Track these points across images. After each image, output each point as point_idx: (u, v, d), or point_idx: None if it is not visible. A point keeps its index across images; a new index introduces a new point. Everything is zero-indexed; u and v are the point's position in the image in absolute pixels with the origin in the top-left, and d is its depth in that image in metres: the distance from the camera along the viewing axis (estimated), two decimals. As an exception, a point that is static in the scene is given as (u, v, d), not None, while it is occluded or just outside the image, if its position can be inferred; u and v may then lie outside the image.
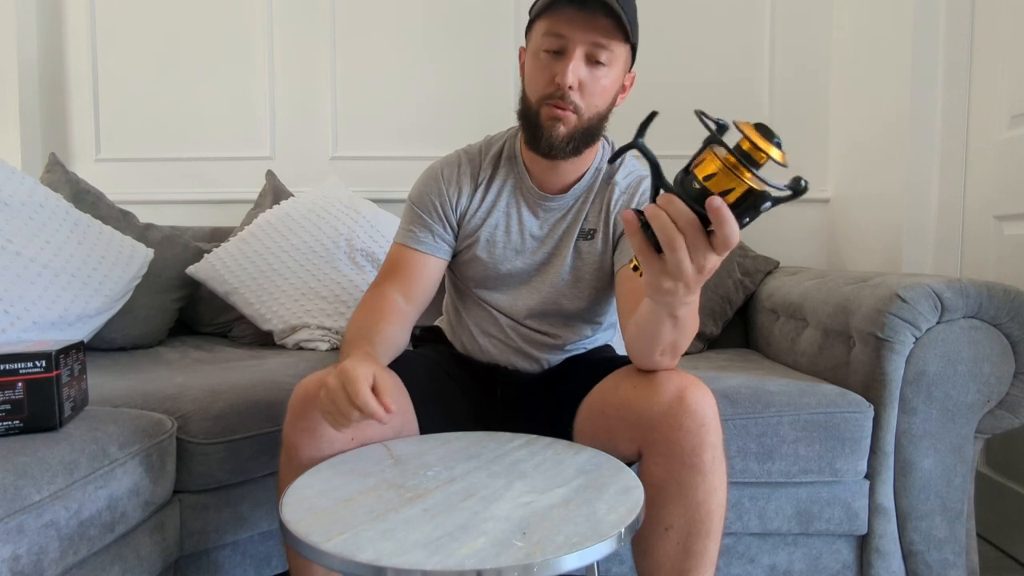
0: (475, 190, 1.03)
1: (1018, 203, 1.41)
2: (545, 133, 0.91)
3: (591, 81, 0.89)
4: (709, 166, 0.53)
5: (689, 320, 0.73)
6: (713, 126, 0.53)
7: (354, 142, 2.06)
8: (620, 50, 0.90)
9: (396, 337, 0.93)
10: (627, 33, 0.87)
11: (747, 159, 0.51)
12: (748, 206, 0.53)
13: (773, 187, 0.52)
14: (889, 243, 1.71)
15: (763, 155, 0.51)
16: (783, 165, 0.52)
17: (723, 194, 0.52)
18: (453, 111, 2.03)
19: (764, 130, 0.52)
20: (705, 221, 0.54)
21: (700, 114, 0.54)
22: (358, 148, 2.06)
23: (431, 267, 1.01)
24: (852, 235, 1.91)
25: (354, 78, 2.04)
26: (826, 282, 1.39)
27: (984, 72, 1.53)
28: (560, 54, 0.88)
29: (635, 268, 0.63)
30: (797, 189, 0.51)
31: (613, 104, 0.95)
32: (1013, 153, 1.42)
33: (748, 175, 0.52)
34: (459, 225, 1.04)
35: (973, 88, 1.56)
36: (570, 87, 0.88)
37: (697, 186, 0.54)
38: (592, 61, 0.89)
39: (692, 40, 1.98)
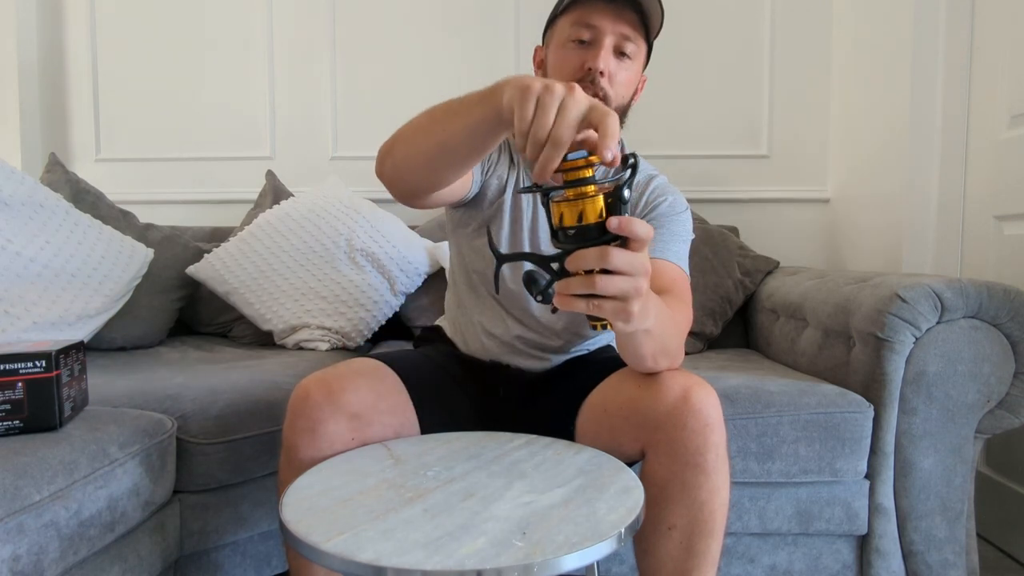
0: (510, 164, 1.03)
1: (1018, 203, 1.41)
2: None
3: (619, 71, 0.92)
4: (566, 212, 0.57)
5: (660, 328, 0.71)
6: (536, 194, 0.59)
7: (354, 142, 2.06)
8: (642, 46, 0.94)
9: None
10: (648, 29, 0.91)
11: (579, 182, 0.56)
12: (613, 205, 0.57)
13: (613, 180, 0.58)
14: (889, 243, 1.71)
15: (583, 170, 0.56)
16: (601, 162, 0.56)
17: (599, 219, 0.56)
18: (453, 111, 2.03)
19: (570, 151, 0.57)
20: (603, 241, 0.57)
21: (523, 191, 0.61)
22: (358, 148, 2.06)
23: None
24: (852, 235, 1.91)
25: (354, 78, 2.04)
26: (826, 282, 1.39)
27: (984, 72, 1.53)
28: (589, 44, 0.91)
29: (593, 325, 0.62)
30: (631, 165, 0.58)
31: (632, 101, 0.97)
32: (1013, 153, 1.42)
33: (592, 188, 0.56)
34: (485, 178, 0.99)
35: (973, 88, 1.56)
36: (601, 73, 0.90)
37: (573, 232, 0.57)
38: (619, 53, 0.91)
39: (692, 40, 1.99)
